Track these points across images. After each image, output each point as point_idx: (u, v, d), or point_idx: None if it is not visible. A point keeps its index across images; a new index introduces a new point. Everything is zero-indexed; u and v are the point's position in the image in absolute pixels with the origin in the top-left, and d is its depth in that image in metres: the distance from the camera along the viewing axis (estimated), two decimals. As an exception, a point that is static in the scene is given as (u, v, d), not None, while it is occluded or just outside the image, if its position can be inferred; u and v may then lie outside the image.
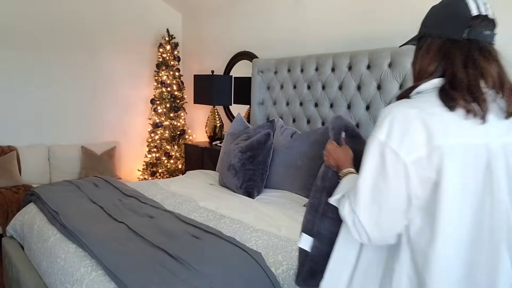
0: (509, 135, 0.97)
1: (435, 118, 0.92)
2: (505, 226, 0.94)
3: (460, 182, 0.91)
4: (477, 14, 1.06)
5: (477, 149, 0.93)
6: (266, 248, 1.88)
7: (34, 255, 2.22)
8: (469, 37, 1.03)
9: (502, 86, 0.97)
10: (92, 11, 4.45)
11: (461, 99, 0.93)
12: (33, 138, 4.20)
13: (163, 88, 4.74)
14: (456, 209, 0.91)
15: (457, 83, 0.95)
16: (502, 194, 0.93)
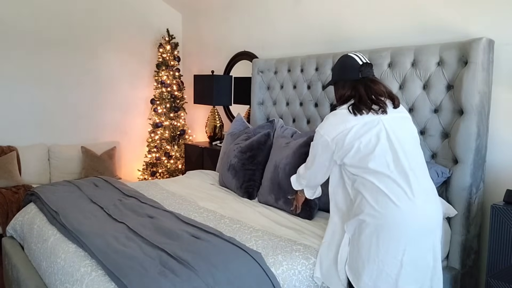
0: (395, 112, 1.77)
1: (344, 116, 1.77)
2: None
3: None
4: (362, 63, 1.82)
5: (373, 122, 1.73)
6: (266, 248, 1.88)
7: (34, 255, 2.22)
8: (362, 76, 1.80)
9: (391, 95, 1.80)
10: (92, 11, 4.45)
11: (365, 108, 1.73)
12: (33, 138, 4.20)
13: (163, 88, 4.74)
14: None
15: (363, 100, 1.74)
16: (385, 140, 1.70)
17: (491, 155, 2.25)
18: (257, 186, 2.79)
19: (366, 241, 1.64)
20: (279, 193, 2.52)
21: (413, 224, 1.60)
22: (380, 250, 1.61)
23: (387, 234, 1.61)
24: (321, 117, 3.10)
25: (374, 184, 1.64)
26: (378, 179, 1.64)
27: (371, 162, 1.66)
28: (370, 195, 1.64)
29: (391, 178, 1.63)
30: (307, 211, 2.38)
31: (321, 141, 1.78)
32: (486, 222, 2.23)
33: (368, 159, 1.66)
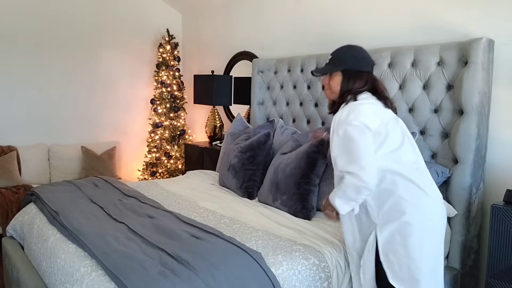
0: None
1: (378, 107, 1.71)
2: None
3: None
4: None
5: (397, 119, 1.75)
6: (266, 248, 1.88)
7: (34, 255, 2.22)
8: (371, 71, 1.78)
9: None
10: (92, 11, 4.45)
11: (386, 99, 1.74)
12: (33, 138, 4.20)
13: (163, 88, 4.74)
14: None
15: (380, 91, 1.74)
16: (406, 137, 1.71)
17: (491, 155, 2.25)
18: (257, 186, 2.79)
19: (416, 243, 1.56)
20: (276, 194, 2.52)
21: (444, 218, 1.68)
22: (433, 249, 1.60)
23: (434, 231, 1.60)
24: (321, 117, 3.09)
25: (411, 181, 1.59)
26: (412, 175, 1.60)
27: (404, 157, 1.63)
28: (407, 193, 1.58)
29: (417, 174, 1.63)
30: (305, 212, 2.38)
31: (359, 130, 1.57)
32: (486, 222, 2.23)
33: (400, 153, 1.63)
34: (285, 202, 2.46)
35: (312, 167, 2.44)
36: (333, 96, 1.78)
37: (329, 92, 1.79)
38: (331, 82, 1.76)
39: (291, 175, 2.46)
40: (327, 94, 1.81)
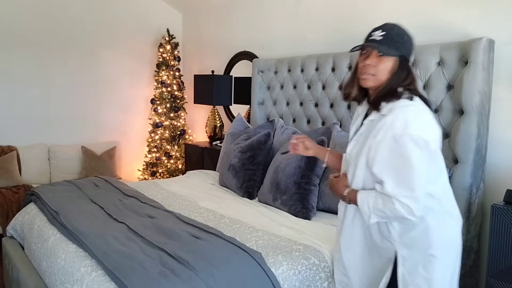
0: None
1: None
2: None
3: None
4: None
5: None
6: (266, 248, 1.88)
7: (34, 255, 2.22)
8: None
9: None
10: (92, 11, 4.45)
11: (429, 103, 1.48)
12: (33, 138, 4.20)
13: (163, 88, 4.74)
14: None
15: (421, 94, 1.47)
16: None
17: (491, 155, 2.25)
18: (257, 186, 2.79)
19: (439, 278, 1.41)
20: (276, 194, 2.52)
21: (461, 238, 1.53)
22: (454, 280, 1.48)
23: (456, 261, 1.48)
24: (321, 117, 3.09)
25: (440, 203, 1.41)
26: (441, 194, 1.42)
27: (444, 174, 1.44)
28: (436, 219, 1.40)
29: (445, 191, 1.46)
30: (305, 212, 2.38)
31: (420, 150, 1.30)
32: (486, 222, 2.23)
33: (442, 171, 1.43)
34: (285, 202, 2.46)
35: (312, 167, 2.44)
36: (373, 83, 1.42)
37: (370, 77, 1.41)
38: (380, 66, 1.38)
39: (291, 175, 2.45)
40: (366, 78, 1.42)
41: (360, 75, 1.43)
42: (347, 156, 1.53)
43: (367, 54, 1.41)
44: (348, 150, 1.52)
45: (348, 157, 1.52)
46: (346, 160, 1.56)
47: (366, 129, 1.45)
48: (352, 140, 1.52)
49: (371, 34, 1.41)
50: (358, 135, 1.49)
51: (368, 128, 1.44)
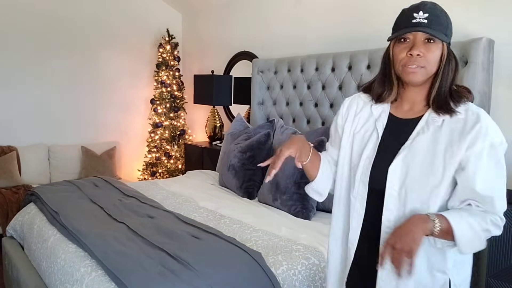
0: None
1: None
2: None
3: None
4: None
5: None
6: (266, 248, 1.88)
7: (34, 255, 2.22)
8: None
9: None
10: (92, 11, 4.45)
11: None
12: (33, 138, 4.20)
13: (163, 88, 4.74)
14: None
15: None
16: None
17: (491, 155, 2.25)
18: (257, 186, 2.79)
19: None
20: (276, 194, 2.52)
21: None
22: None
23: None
24: (321, 117, 3.09)
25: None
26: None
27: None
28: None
29: None
30: (305, 212, 2.38)
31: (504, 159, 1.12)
32: (486, 222, 2.22)
33: None
34: (285, 202, 2.46)
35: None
36: (423, 77, 1.13)
37: (419, 69, 1.11)
38: (429, 55, 1.11)
39: (291, 175, 2.45)
40: (414, 72, 1.11)
41: (404, 69, 1.12)
42: (392, 175, 1.14)
43: (411, 42, 1.11)
44: (395, 169, 1.14)
45: (398, 177, 1.13)
46: (391, 184, 1.14)
47: (430, 137, 1.12)
48: (400, 156, 1.14)
49: (413, 16, 1.11)
50: (411, 149, 1.13)
51: (432, 135, 1.12)
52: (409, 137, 1.15)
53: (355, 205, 1.22)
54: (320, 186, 1.33)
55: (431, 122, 1.14)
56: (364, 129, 1.25)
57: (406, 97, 1.20)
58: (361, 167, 1.21)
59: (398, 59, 1.14)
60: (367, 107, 1.27)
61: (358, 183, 1.21)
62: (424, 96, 1.17)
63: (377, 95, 1.23)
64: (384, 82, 1.22)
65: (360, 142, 1.24)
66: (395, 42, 1.16)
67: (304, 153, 1.24)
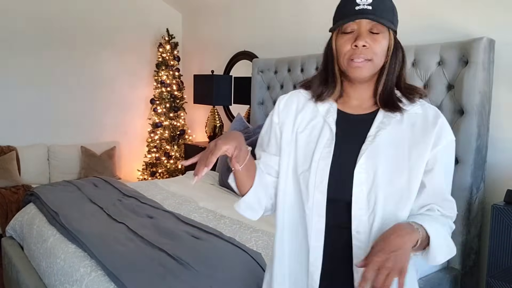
0: None
1: None
2: None
3: None
4: None
5: None
6: (266, 248, 1.88)
7: (33, 255, 2.22)
8: None
9: None
10: (92, 11, 4.45)
11: None
12: (32, 138, 4.19)
13: (162, 88, 4.74)
14: None
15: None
16: None
17: (491, 155, 2.25)
18: (257, 186, 2.78)
19: None
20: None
21: None
22: None
23: None
24: (321, 117, 3.09)
25: None
26: None
27: None
28: None
29: None
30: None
31: None
32: (487, 222, 2.22)
33: None
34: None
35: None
36: (370, 71, 0.98)
37: (366, 63, 0.97)
38: (376, 46, 0.97)
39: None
40: (360, 67, 0.97)
41: (350, 63, 0.97)
42: (359, 178, 0.97)
43: (355, 33, 0.98)
44: (361, 170, 0.97)
45: (365, 179, 0.97)
46: (362, 185, 0.97)
47: (392, 132, 0.99)
48: (364, 155, 0.97)
49: (355, 2, 0.99)
50: (374, 146, 0.98)
51: (394, 129, 1.00)
52: (368, 133, 1.00)
53: (312, 218, 1.00)
54: (256, 200, 1.08)
55: (389, 115, 1.00)
56: (310, 126, 1.05)
57: (353, 94, 1.05)
58: (313, 171, 0.99)
59: (342, 52, 1.00)
60: (309, 103, 1.08)
61: (312, 192, 0.99)
62: (372, 93, 1.04)
63: (317, 94, 1.06)
64: (327, 79, 1.05)
65: (306, 143, 1.03)
66: (337, 33, 1.06)
67: (241, 155, 0.97)
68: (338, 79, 1.04)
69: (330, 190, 0.99)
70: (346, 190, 0.97)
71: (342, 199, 0.98)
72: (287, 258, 1.07)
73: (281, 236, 1.08)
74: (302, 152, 1.04)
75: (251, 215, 1.12)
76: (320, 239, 1.00)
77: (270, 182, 1.11)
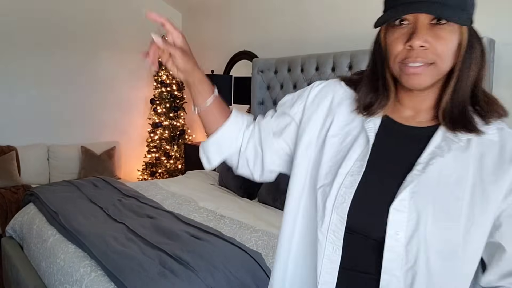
0: None
1: None
2: None
3: None
4: None
5: None
6: (266, 248, 1.88)
7: (33, 255, 2.21)
8: None
9: None
10: (92, 11, 4.44)
11: None
12: (32, 138, 4.19)
13: (162, 88, 4.74)
14: None
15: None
16: None
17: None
18: (257, 186, 2.78)
19: None
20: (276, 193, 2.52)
21: None
22: None
23: None
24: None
25: None
26: None
27: None
28: None
29: None
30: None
31: None
32: None
33: None
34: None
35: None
36: (432, 79, 0.71)
37: (425, 69, 0.70)
38: (441, 45, 0.70)
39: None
40: (418, 73, 0.70)
41: (402, 68, 0.71)
42: (397, 219, 0.69)
43: (410, 27, 0.71)
44: (401, 209, 0.70)
45: (406, 222, 0.69)
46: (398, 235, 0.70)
47: (451, 163, 0.71)
48: (408, 189, 0.70)
49: None
50: (424, 179, 0.70)
51: (455, 161, 0.71)
52: (419, 159, 0.71)
53: (325, 247, 0.75)
54: (226, 140, 0.96)
55: (451, 139, 0.72)
56: (345, 132, 0.80)
57: (408, 103, 0.78)
58: (336, 187, 0.75)
59: (392, 52, 0.73)
60: (348, 101, 0.82)
61: (329, 214, 0.75)
62: (433, 103, 0.76)
63: (365, 105, 0.78)
64: (377, 87, 0.78)
65: (336, 152, 0.79)
66: (387, 27, 0.79)
67: (202, 92, 0.89)
68: (392, 87, 0.77)
69: (353, 217, 0.73)
70: (377, 226, 0.71)
71: (367, 234, 0.73)
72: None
73: (284, 266, 0.85)
74: (328, 162, 0.79)
75: (215, 156, 0.96)
76: (333, 275, 0.75)
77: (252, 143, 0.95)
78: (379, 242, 0.71)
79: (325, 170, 0.79)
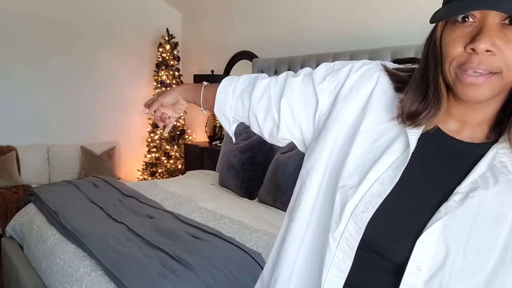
0: None
1: None
2: None
3: None
4: None
5: None
6: (266, 248, 1.88)
7: (33, 255, 2.21)
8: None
9: None
10: (92, 11, 4.44)
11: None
12: (32, 138, 4.19)
13: (162, 88, 4.74)
14: None
15: None
16: None
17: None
18: (257, 186, 2.78)
19: None
20: (276, 194, 2.52)
21: None
22: None
23: None
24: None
25: None
26: None
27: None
28: None
29: None
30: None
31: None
32: None
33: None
34: (286, 202, 2.45)
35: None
36: (487, 91, 0.58)
37: (489, 79, 0.57)
38: (510, 50, 0.55)
39: (291, 175, 2.45)
40: (479, 85, 0.57)
41: (458, 75, 0.59)
42: (423, 252, 0.61)
43: (476, 26, 0.57)
44: (429, 242, 0.61)
45: (432, 258, 0.61)
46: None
47: (494, 198, 0.61)
48: (441, 222, 0.60)
49: None
50: (461, 213, 0.61)
51: (499, 196, 0.61)
52: (458, 186, 0.61)
53: (334, 253, 0.68)
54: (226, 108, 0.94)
55: (499, 169, 0.60)
56: (381, 129, 0.69)
57: (457, 114, 0.66)
58: (360, 192, 0.66)
59: (449, 54, 0.60)
60: (388, 94, 0.71)
61: (346, 220, 0.67)
62: (490, 117, 0.64)
63: (409, 114, 0.65)
64: (425, 94, 0.65)
65: (366, 150, 0.68)
66: (445, 23, 0.65)
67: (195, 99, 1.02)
68: (444, 96, 0.64)
69: (371, 232, 0.65)
70: (397, 253, 0.63)
71: (383, 255, 0.65)
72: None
73: (292, 269, 0.78)
74: (355, 160, 0.69)
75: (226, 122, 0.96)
76: (338, 283, 0.68)
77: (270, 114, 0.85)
78: (395, 265, 0.63)
79: (350, 168, 0.68)
